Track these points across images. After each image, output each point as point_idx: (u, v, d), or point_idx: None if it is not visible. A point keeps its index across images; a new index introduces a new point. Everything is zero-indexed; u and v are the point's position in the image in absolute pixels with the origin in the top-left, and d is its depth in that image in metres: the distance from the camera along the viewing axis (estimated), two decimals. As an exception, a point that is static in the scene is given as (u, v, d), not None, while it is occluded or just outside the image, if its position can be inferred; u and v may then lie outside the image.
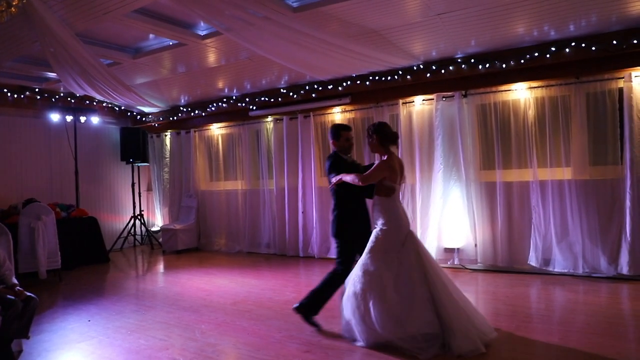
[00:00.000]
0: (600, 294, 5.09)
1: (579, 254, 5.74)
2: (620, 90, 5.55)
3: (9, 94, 7.74)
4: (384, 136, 4.03)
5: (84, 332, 4.46)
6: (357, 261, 4.05)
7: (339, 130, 4.41)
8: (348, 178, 4.01)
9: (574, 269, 5.76)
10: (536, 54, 5.68)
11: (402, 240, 3.88)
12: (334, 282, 4.20)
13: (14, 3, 3.27)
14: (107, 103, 9.13)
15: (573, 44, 5.45)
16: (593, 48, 5.36)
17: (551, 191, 5.96)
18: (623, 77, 5.48)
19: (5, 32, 5.28)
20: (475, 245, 6.40)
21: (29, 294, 3.82)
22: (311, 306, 4.25)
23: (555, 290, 5.30)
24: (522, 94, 6.16)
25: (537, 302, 5.05)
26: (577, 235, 5.74)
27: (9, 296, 3.66)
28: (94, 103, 8.96)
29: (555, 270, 5.86)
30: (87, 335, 4.36)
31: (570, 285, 5.43)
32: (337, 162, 4.29)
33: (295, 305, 4.30)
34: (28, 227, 6.43)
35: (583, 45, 5.40)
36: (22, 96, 7.91)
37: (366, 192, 4.13)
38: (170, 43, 6.30)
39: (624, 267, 5.40)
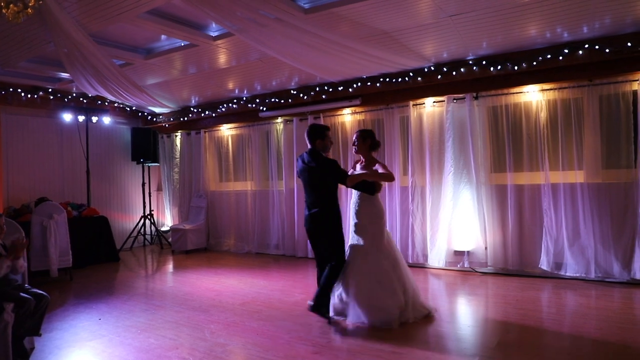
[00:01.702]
0: (613, 299, 5.02)
1: (591, 258, 5.67)
2: (635, 92, 5.49)
3: (22, 94, 7.83)
4: (375, 142, 4.65)
5: (95, 330, 4.49)
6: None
7: (324, 130, 4.58)
8: (381, 176, 4.46)
9: (586, 273, 5.70)
10: (549, 56, 5.63)
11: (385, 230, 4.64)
12: (336, 274, 4.43)
13: (30, 4, 3.31)
14: (119, 103, 9.21)
15: (586, 46, 5.40)
16: (607, 50, 5.30)
17: (563, 194, 5.90)
18: (637, 80, 5.42)
19: (21, 32, 5.35)
20: (486, 248, 6.36)
21: (40, 291, 3.85)
22: (324, 303, 4.43)
23: (567, 295, 5.25)
24: (534, 96, 6.11)
25: (548, 306, 4.99)
26: (590, 239, 5.68)
27: (22, 294, 3.70)
28: (106, 103, 9.04)
29: (567, 274, 5.80)
30: (98, 333, 4.39)
31: (582, 289, 5.37)
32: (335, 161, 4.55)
33: (310, 305, 4.44)
34: (40, 225, 6.50)
35: (597, 47, 5.34)
36: (35, 96, 8.00)
37: (371, 189, 4.47)
38: (182, 44, 6.34)
39: (638, 272, 5.33)
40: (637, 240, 5.37)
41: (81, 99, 8.63)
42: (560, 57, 5.57)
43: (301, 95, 7.77)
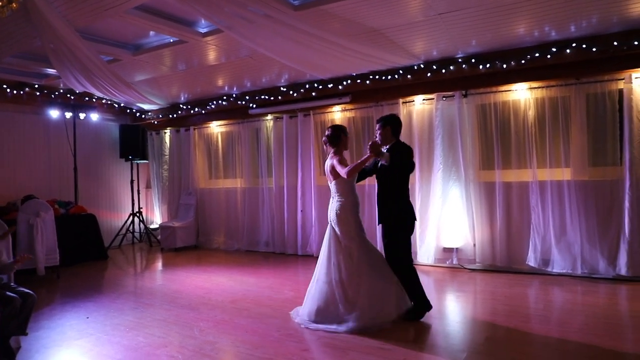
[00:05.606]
0: (599, 294, 5.10)
1: (577, 254, 5.75)
2: (621, 91, 5.56)
3: (8, 90, 7.72)
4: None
5: (83, 329, 4.45)
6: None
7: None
8: None
9: (572, 269, 5.77)
10: (537, 55, 5.68)
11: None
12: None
13: (14, -2, 3.27)
14: (107, 100, 9.12)
15: (574, 44, 5.45)
16: (594, 49, 5.36)
17: (550, 192, 5.97)
18: (623, 79, 5.49)
19: (5, 27, 5.26)
20: (474, 245, 6.40)
21: (27, 290, 3.81)
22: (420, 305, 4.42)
23: (554, 291, 5.31)
24: (522, 95, 6.16)
25: (535, 302, 5.05)
26: (576, 236, 5.75)
27: (8, 293, 3.66)
28: (94, 100, 8.94)
29: (554, 270, 5.87)
30: (86, 332, 4.36)
31: (568, 285, 5.44)
32: None
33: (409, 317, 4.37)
34: (27, 223, 6.41)
35: (584, 46, 5.40)
36: (21, 92, 7.89)
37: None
38: (171, 40, 6.28)
39: (623, 268, 5.41)
40: (622, 236, 5.46)
41: (68, 95, 8.53)
42: (548, 56, 5.62)
43: (291, 92, 7.76)
